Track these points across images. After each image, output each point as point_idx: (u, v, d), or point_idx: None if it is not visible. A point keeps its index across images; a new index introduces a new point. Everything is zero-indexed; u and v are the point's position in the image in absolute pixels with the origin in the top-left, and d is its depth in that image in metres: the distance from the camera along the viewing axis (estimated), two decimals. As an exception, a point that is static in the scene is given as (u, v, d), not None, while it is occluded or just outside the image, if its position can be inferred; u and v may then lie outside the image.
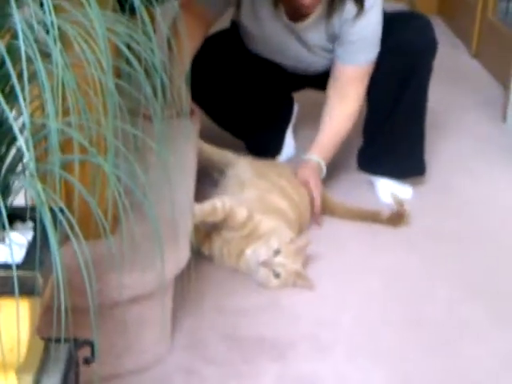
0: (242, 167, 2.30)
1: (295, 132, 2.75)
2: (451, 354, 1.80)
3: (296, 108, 2.76)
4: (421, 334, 1.86)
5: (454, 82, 3.36)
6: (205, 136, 2.43)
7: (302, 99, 2.78)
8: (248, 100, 2.60)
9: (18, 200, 1.15)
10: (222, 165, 2.37)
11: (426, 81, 2.41)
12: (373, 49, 2.32)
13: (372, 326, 1.88)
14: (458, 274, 2.09)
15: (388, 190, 2.48)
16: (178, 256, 1.65)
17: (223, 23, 2.56)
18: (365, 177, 2.54)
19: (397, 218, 2.31)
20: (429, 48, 2.37)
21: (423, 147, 2.49)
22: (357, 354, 1.78)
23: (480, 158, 2.76)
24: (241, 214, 2.02)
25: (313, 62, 2.45)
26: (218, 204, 2.00)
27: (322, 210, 2.34)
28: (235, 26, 2.54)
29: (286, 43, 2.42)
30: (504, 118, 3.02)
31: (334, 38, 2.34)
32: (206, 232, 2.07)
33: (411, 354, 1.79)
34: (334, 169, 2.53)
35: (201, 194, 2.11)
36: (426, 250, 2.20)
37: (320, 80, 2.53)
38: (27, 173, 1.09)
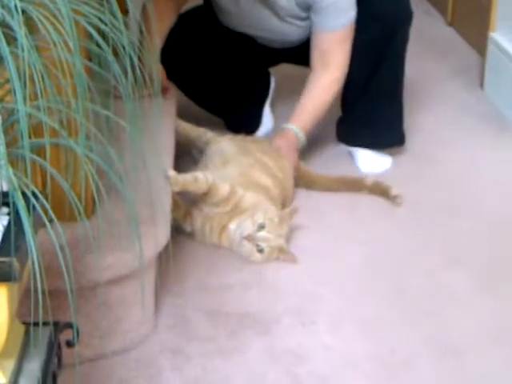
0: (224, 144, 2.29)
1: (273, 107, 2.74)
2: (435, 322, 1.81)
3: (273, 82, 2.76)
4: (404, 303, 1.87)
5: (429, 50, 3.36)
6: (183, 114, 2.43)
7: (278, 73, 2.77)
8: (224, 76, 2.59)
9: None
10: (201, 143, 2.37)
11: (403, 50, 2.41)
12: (348, 12, 2.30)
13: (355, 297, 1.89)
14: (440, 243, 2.10)
15: (367, 161, 2.49)
16: (157, 235, 1.65)
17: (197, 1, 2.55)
18: (344, 148, 2.54)
19: (383, 192, 2.31)
20: (404, 16, 2.36)
21: (402, 117, 2.49)
22: (341, 325, 1.80)
23: (458, 126, 2.76)
24: (223, 189, 2.01)
25: (287, 32, 2.43)
26: (200, 175, 2.00)
27: (302, 184, 2.35)
28: (208, 2, 2.53)
29: (259, 14, 2.40)
30: (481, 85, 3.03)
31: (305, 6, 2.33)
32: (187, 209, 2.07)
33: (396, 323, 1.81)
34: (313, 141, 2.53)
35: (181, 172, 2.11)
36: (406, 220, 2.21)
37: (296, 54, 2.52)
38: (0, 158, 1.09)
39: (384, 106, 2.45)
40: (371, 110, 2.44)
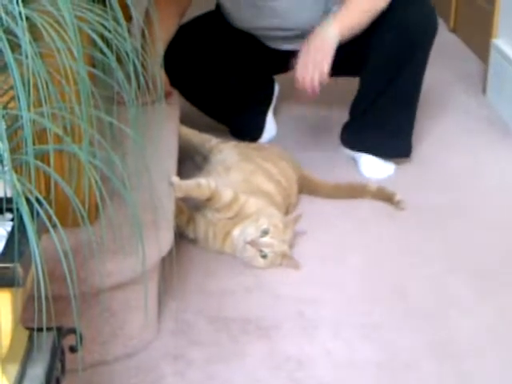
0: (226, 152, 2.30)
1: (276, 113, 2.75)
2: (437, 325, 1.81)
3: (277, 89, 2.76)
4: (406, 307, 1.87)
5: (432, 56, 3.33)
6: (186, 121, 2.43)
7: (281, 80, 2.77)
8: (228, 83, 2.59)
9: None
10: (205, 150, 2.37)
11: (424, 62, 2.39)
12: None
13: (357, 302, 1.89)
14: (443, 248, 2.11)
15: (371, 167, 2.49)
16: (160, 240, 1.65)
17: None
18: (347, 154, 2.55)
19: (386, 198, 2.32)
20: (429, 28, 2.35)
21: (412, 129, 2.48)
22: (343, 330, 1.79)
23: (461, 131, 2.77)
24: (226, 195, 2.02)
25: (293, 11, 2.38)
26: (203, 181, 2.00)
27: (306, 191, 2.35)
28: (218, 6, 2.53)
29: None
30: (483, 90, 3.04)
31: None
32: (190, 215, 2.07)
33: (398, 327, 1.81)
34: (317, 145, 2.54)
35: (184, 177, 2.11)
36: (409, 225, 2.21)
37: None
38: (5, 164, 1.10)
39: (396, 115, 2.43)
40: (382, 118, 2.42)
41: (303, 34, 2.35)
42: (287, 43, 2.51)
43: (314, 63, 2.20)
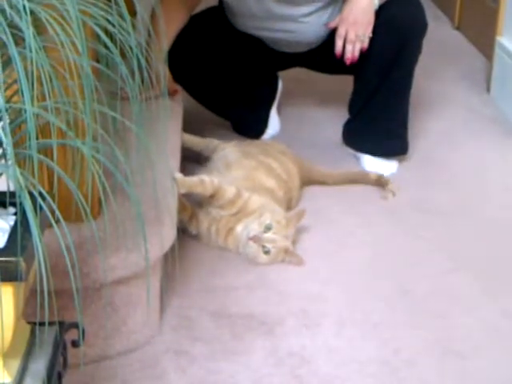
0: (227, 150, 2.30)
1: (279, 109, 2.75)
2: (439, 323, 1.81)
3: (280, 85, 2.76)
4: (409, 306, 1.87)
5: (437, 53, 3.36)
6: (190, 117, 2.43)
7: (285, 76, 2.77)
8: (232, 79, 2.59)
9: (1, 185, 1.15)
10: (209, 151, 2.38)
11: (414, 61, 2.40)
12: None
13: (360, 300, 1.89)
14: (446, 246, 2.10)
15: (373, 165, 2.49)
16: (163, 236, 1.65)
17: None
18: (350, 151, 2.54)
19: (383, 183, 2.35)
20: (418, 28, 2.35)
21: (406, 126, 2.49)
22: (346, 327, 1.79)
23: (465, 130, 2.76)
24: (229, 191, 2.02)
25: (302, 29, 2.41)
26: (206, 178, 2.01)
27: (307, 182, 2.36)
28: (221, 3, 2.52)
29: (272, 10, 2.39)
30: (487, 88, 3.03)
31: None
32: (193, 211, 2.08)
33: (400, 326, 1.80)
34: (320, 141, 2.53)
35: (187, 174, 2.11)
36: (412, 223, 2.21)
37: (307, 58, 2.52)
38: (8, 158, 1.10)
39: (390, 114, 2.44)
40: (377, 118, 2.44)
41: (307, 45, 2.42)
42: (289, 49, 2.52)
43: (355, 36, 2.26)
